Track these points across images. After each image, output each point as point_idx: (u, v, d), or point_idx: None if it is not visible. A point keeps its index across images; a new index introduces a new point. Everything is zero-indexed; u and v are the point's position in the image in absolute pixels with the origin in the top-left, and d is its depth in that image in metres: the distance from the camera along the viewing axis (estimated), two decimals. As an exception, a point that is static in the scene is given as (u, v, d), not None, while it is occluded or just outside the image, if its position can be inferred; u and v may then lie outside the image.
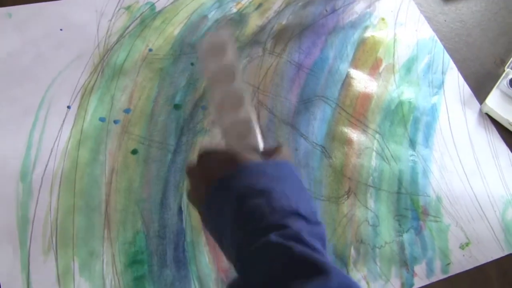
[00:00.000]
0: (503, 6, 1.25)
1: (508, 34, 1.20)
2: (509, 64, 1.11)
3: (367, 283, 0.81)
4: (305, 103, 0.94)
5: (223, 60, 0.66)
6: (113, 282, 0.72)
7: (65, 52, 0.90)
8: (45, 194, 0.76)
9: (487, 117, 1.04)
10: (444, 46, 1.12)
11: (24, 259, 0.71)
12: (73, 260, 0.72)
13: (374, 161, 0.92)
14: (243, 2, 1.06)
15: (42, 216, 0.74)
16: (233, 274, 0.76)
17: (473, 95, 1.06)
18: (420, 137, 0.97)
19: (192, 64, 0.94)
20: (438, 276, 0.83)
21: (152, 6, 1.00)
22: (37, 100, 0.84)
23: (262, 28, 1.03)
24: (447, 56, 1.11)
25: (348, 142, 0.92)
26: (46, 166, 0.78)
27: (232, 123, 0.65)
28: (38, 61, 0.88)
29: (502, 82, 1.07)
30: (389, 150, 0.93)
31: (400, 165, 0.92)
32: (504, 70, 1.10)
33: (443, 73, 1.08)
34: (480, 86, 1.08)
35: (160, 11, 1.00)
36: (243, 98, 0.65)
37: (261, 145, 0.65)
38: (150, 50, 0.94)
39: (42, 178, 0.77)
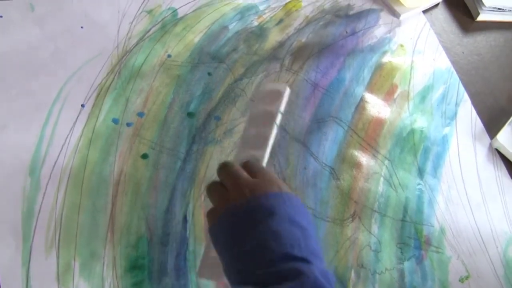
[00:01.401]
0: (521, 43, 1.26)
1: (525, 71, 1.21)
2: (523, 102, 1.11)
3: (365, 308, 0.81)
4: (318, 122, 0.94)
5: (271, 107, 0.74)
6: (112, 285, 0.72)
7: (84, 50, 0.90)
8: (52, 190, 0.76)
9: (496, 152, 1.04)
10: (460, 78, 1.13)
11: (25, 253, 0.71)
12: (74, 259, 0.72)
13: (381, 187, 0.92)
14: (264, 16, 1.06)
15: (47, 212, 0.74)
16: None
17: (484, 130, 1.06)
18: (428, 167, 0.97)
19: (209, 73, 0.94)
20: (436, 308, 0.83)
21: (175, 12, 1.00)
22: (52, 95, 0.84)
23: (281, 44, 1.03)
24: (462, 88, 1.11)
25: (357, 165, 0.92)
26: (56, 162, 0.78)
27: (254, 135, 0.72)
28: (56, 56, 0.88)
29: (515, 119, 1.07)
30: (397, 177, 0.93)
31: (407, 193, 0.92)
32: (517, 107, 1.10)
33: (456, 104, 1.08)
34: (492, 121, 1.08)
35: (181, 18, 1.00)
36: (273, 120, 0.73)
37: (264, 161, 0.70)
38: (169, 56, 0.94)
39: (50, 174, 0.77)
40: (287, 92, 0.76)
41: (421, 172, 0.95)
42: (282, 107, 0.74)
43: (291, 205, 0.60)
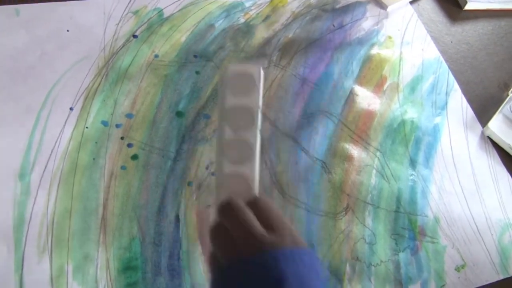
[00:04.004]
0: (509, 31, 1.26)
1: (513, 58, 1.21)
2: (513, 89, 1.11)
3: (361, 301, 0.81)
4: (308, 117, 0.94)
5: (247, 100, 0.63)
6: (106, 287, 0.72)
7: (70, 53, 0.90)
8: (42, 195, 0.76)
9: (488, 140, 1.04)
10: (449, 67, 1.12)
11: (18, 259, 0.70)
12: (67, 263, 0.72)
13: (373, 179, 0.91)
14: (251, 13, 1.06)
15: (38, 217, 0.74)
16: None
17: (475, 118, 1.06)
18: (421, 157, 0.96)
19: (197, 72, 0.93)
20: (432, 297, 0.83)
21: (160, 12, 1.00)
22: (40, 99, 0.84)
23: (268, 40, 1.03)
24: (451, 77, 1.11)
25: (348, 158, 0.92)
26: (46, 166, 0.78)
27: (233, 140, 0.62)
28: (43, 60, 0.88)
29: (505, 107, 1.07)
30: (389, 168, 0.93)
31: (400, 184, 0.92)
32: (508, 95, 1.10)
33: (447, 94, 1.08)
34: (483, 109, 1.08)
35: (168, 18, 1.00)
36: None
37: (256, 178, 0.63)
38: (156, 56, 0.94)
39: (40, 179, 0.77)
40: (262, 74, 0.64)
41: (413, 163, 0.95)
42: (260, 100, 0.63)
43: (307, 266, 0.58)
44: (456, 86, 1.10)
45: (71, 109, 0.84)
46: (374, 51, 1.09)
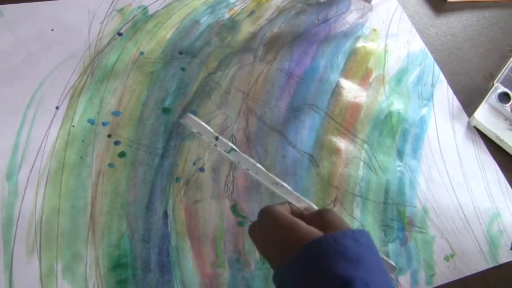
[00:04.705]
0: (493, 22, 1.26)
1: (498, 49, 1.21)
2: (498, 79, 1.12)
3: (351, 292, 0.81)
4: (295, 111, 0.94)
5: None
6: (96, 285, 0.71)
7: (55, 52, 0.90)
8: (30, 195, 0.76)
9: (475, 130, 1.04)
10: (435, 59, 1.13)
11: (7, 260, 0.70)
12: (57, 262, 0.72)
13: (361, 171, 0.92)
14: (235, 9, 1.06)
15: (27, 217, 0.74)
16: (217, 280, 0.76)
17: (461, 108, 1.07)
18: (408, 149, 0.97)
19: (182, 68, 0.93)
20: (422, 287, 0.83)
21: (145, 9, 1.00)
22: (26, 99, 0.83)
23: (254, 35, 1.03)
24: (437, 68, 1.11)
25: (336, 151, 0.92)
26: (33, 166, 0.78)
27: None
28: (28, 61, 0.88)
29: (491, 96, 1.07)
30: (376, 160, 0.93)
31: (388, 176, 0.92)
32: (493, 85, 1.10)
33: (432, 85, 1.08)
34: (469, 100, 1.09)
35: (152, 15, 1.00)
36: None
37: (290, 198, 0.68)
38: (142, 53, 0.94)
39: (28, 179, 0.77)
40: (192, 117, 0.70)
41: (400, 154, 0.96)
42: (208, 135, 0.70)
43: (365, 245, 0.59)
44: (441, 77, 1.10)
45: (57, 108, 0.84)
46: (359, 44, 1.09)
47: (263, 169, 0.67)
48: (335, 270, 0.54)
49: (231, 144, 0.69)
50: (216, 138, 0.69)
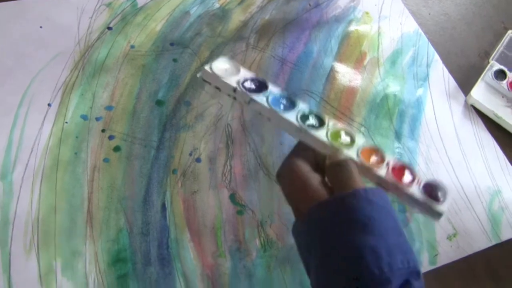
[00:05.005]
0: (486, 0, 1.26)
1: (492, 27, 1.20)
2: (494, 56, 1.11)
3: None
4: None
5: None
6: (96, 281, 0.71)
7: (45, 49, 0.89)
8: (26, 193, 0.75)
9: (472, 109, 1.04)
10: (429, 39, 1.12)
11: (5, 259, 0.69)
12: (55, 260, 0.71)
13: (359, 155, 0.91)
14: (225, -3, 1.05)
15: (23, 215, 0.73)
16: (218, 270, 0.75)
17: (458, 88, 1.06)
18: (405, 130, 0.96)
19: (174, 60, 0.93)
20: (426, 267, 0.82)
21: (134, 2, 0.99)
22: (18, 98, 0.83)
23: (245, 23, 1.02)
24: (431, 49, 1.11)
25: (333, 136, 0.91)
26: (27, 165, 0.77)
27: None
28: (18, 59, 0.87)
29: (487, 74, 1.07)
30: (374, 143, 0.93)
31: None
32: (488, 62, 1.10)
33: (427, 66, 1.08)
34: (465, 79, 1.08)
35: (141, 7, 0.99)
36: None
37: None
38: (132, 46, 0.93)
39: (22, 177, 0.76)
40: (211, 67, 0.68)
41: (398, 136, 0.95)
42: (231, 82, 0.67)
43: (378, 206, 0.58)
44: (436, 57, 1.10)
45: (49, 105, 0.83)
46: (352, 27, 1.08)
47: (285, 117, 0.66)
48: (339, 236, 0.54)
49: (249, 94, 0.67)
50: (234, 90, 0.67)
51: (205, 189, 0.81)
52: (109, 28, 0.94)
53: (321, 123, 0.68)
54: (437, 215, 0.65)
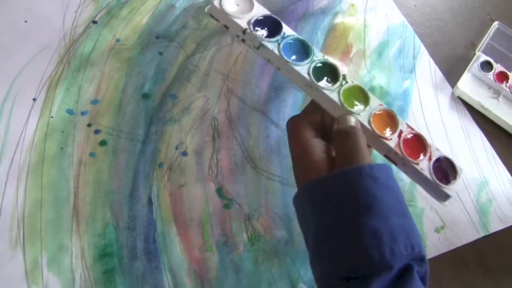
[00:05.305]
0: (473, -10, 1.26)
1: (479, 18, 1.20)
2: (480, 48, 1.11)
3: (342, 269, 0.80)
4: (276, 90, 0.93)
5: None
6: (82, 276, 0.71)
7: (30, 44, 0.88)
8: (11, 189, 0.74)
9: (459, 100, 1.04)
10: (415, 31, 1.12)
11: (-10, 255, 0.69)
12: (41, 255, 0.71)
13: (347, 147, 0.91)
14: (211, -10, 1.05)
15: (8, 211, 0.73)
16: (205, 265, 0.75)
17: (444, 79, 1.06)
18: (392, 122, 0.96)
19: (160, 53, 0.92)
20: (414, 260, 0.83)
21: (119, -5, 0.99)
22: (2, 93, 0.82)
23: (231, 16, 1.02)
24: (418, 40, 1.11)
25: (320, 128, 0.91)
26: (12, 160, 0.77)
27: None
28: (2, 54, 0.86)
29: (474, 65, 1.07)
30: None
31: (374, 151, 0.91)
32: (475, 54, 1.10)
33: (414, 57, 1.08)
34: (452, 70, 1.08)
35: (127, 1, 0.98)
36: None
37: None
38: (118, 40, 0.92)
39: (8, 173, 0.75)
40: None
41: (385, 128, 0.95)
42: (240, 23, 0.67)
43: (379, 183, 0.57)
44: (423, 48, 1.10)
45: (34, 100, 0.82)
46: (338, 19, 1.08)
47: (296, 68, 0.64)
48: (337, 216, 0.53)
49: (260, 40, 0.64)
50: (244, 31, 0.65)
51: (192, 183, 0.81)
52: (95, 22, 0.93)
53: (335, 79, 0.65)
54: (444, 197, 0.64)
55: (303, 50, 0.67)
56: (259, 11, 0.67)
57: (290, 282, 0.78)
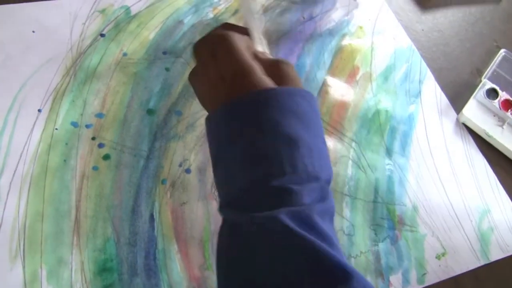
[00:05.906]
0: (479, 17, 1.26)
1: (485, 44, 1.21)
2: (486, 75, 1.11)
3: (342, 293, 0.80)
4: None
5: None
6: (82, 291, 0.70)
7: (37, 54, 0.88)
8: (13, 200, 0.74)
9: (464, 126, 1.04)
10: (422, 55, 1.12)
11: (-11, 266, 0.69)
12: (41, 268, 0.70)
13: (350, 170, 0.90)
14: (219, 8, 1.05)
15: (9, 222, 0.72)
16: (205, 283, 0.75)
17: (450, 105, 1.06)
18: (396, 146, 0.96)
19: (166, 69, 0.92)
20: (414, 286, 0.82)
21: (128, 9, 0.98)
22: (7, 103, 0.82)
23: (238, 34, 1.02)
24: (424, 65, 1.11)
25: (324, 150, 0.91)
26: (15, 171, 0.76)
27: None
28: (9, 64, 0.86)
29: (479, 92, 1.07)
30: (365, 158, 0.92)
31: (377, 174, 0.91)
32: (481, 80, 1.10)
33: (420, 82, 1.08)
34: (457, 96, 1.08)
35: (135, 15, 0.98)
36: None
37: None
38: (125, 54, 0.92)
39: (10, 183, 0.75)
40: None
41: (389, 152, 0.95)
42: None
43: (278, 107, 0.53)
44: (429, 73, 1.10)
45: (39, 111, 0.82)
46: (346, 41, 1.08)
47: None
48: (284, 126, 0.51)
49: None
50: None
51: (194, 200, 0.81)
52: (102, 35, 0.94)
53: None
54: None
55: None
56: None
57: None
